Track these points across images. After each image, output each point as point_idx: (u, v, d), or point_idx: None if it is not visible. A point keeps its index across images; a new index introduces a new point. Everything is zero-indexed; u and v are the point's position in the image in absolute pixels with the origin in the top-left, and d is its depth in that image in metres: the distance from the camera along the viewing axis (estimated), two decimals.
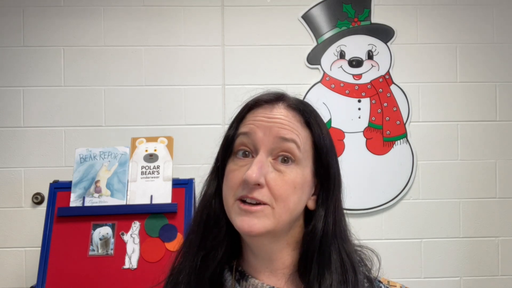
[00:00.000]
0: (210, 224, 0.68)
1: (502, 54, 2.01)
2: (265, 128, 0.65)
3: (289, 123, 0.66)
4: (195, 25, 1.97)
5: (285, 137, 0.64)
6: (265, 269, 0.69)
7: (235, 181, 0.64)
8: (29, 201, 1.87)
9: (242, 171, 0.64)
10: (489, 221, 1.96)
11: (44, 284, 1.45)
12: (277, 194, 0.63)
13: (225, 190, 0.66)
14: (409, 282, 1.87)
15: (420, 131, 1.97)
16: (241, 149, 0.66)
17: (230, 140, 0.67)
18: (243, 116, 0.69)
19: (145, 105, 1.93)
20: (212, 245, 0.67)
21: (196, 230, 0.69)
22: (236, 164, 0.66)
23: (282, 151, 0.64)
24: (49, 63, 1.92)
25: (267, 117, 0.66)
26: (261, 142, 0.64)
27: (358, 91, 1.97)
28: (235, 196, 0.64)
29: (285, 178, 0.63)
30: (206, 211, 0.69)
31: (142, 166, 1.62)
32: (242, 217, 0.63)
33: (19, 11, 1.93)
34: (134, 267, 1.49)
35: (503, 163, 1.98)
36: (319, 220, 0.66)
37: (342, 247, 0.67)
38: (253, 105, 0.69)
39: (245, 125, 0.67)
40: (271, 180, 0.63)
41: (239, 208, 0.63)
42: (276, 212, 0.63)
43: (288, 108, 0.68)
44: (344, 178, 0.72)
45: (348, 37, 1.99)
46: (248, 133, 0.65)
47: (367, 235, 1.90)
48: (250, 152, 0.65)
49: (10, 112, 1.90)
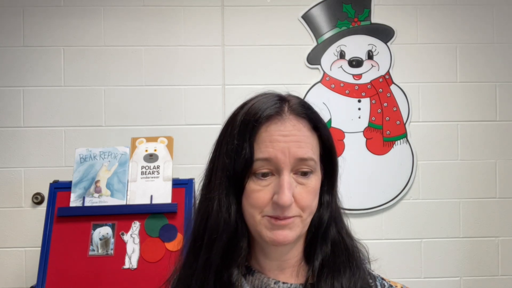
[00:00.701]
0: (235, 242, 0.68)
1: (502, 54, 2.01)
2: (283, 149, 0.65)
3: (303, 137, 0.67)
4: (195, 25, 1.97)
5: (304, 157, 0.66)
6: (276, 267, 0.71)
7: (262, 201, 0.66)
8: (29, 201, 1.87)
9: (267, 191, 0.66)
10: (489, 221, 1.96)
11: (44, 284, 1.45)
12: (304, 205, 0.67)
13: (248, 208, 0.67)
14: (409, 282, 1.86)
15: (420, 131, 1.97)
16: (261, 171, 0.66)
17: (249, 163, 0.66)
18: (255, 132, 0.66)
19: (145, 105, 1.93)
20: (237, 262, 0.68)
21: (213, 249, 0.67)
22: (259, 185, 0.66)
23: (302, 168, 0.67)
24: (49, 63, 1.92)
25: (282, 135, 0.66)
26: (283, 164, 0.65)
27: (358, 91, 1.97)
28: (262, 213, 0.66)
29: (308, 189, 0.67)
30: (228, 233, 0.67)
31: (142, 166, 1.62)
32: (275, 231, 0.66)
33: (19, 11, 1.93)
34: (134, 267, 1.49)
35: (503, 163, 1.98)
36: (325, 209, 0.71)
37: (342, 230, 0.73)
38: (262, 119, 0.67)
39: (262, 149, 0.66)
40: (297, 195, 0.66)
41: (271, 224, 0.66)
42: (303, 219, 0.67)
43: (297, 118, 0.69)
44: (344, 178, 0.75)
45: (348, 37, 1.99)
46: (269, 158, 0.66)
47: (367, 235, 1.90)
48: (270, 172, 0.67)
49: (10, 112, 1.90)
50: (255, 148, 0.66)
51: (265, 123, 0.67)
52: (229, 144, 0.67)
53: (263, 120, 0.66)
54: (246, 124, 0.67)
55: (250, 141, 0.66)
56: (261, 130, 0.67)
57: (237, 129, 0.67)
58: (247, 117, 0.67)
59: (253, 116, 0.67)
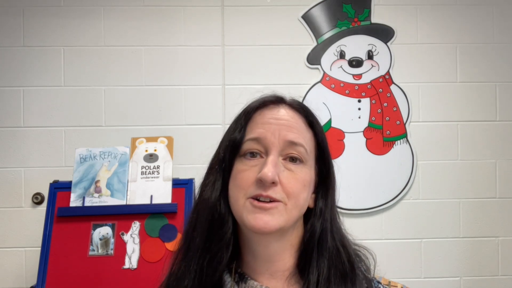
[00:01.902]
0: (216, 226, 0.67)
1: (502, 54, 2.00)
2: (274, 130, 0.66)
3: (295, 124, 0.68)
4: (195, 25, 1.97)
5: (294, 141, 0.66)
6: (265, 271, 0.69)
7: (246, 181, 0.65)
8: (29, 201, 1.87)
9: (253, 171, 0.65)
10: (489, 221, 1.96)
11: (44, 284, 1.45)
12: (290, 191, 0.65)
13: (234, 191, 0.67)
14: (409, 282, 1.86)
15: (420, 131, 1.97)
16: (249, 151, 0.67)
17: (237, 143, 0.68)
18: (249, 117, 0.69)
19: (145, 105, 1.93)
20: (219, 247, 0.66)
21: (199, 233, 0.68)
22: (246, 165, 0.66)
23: (292, 153, 0.67)
24: (49, 63, 1.92)
25: (274, 118, 0.67)
26: (272, 144, 0.66)
27: (358, 91, 1.97)
28: (246, 195, 0.65)
29: (297, 177, 0.66)
30: (210, 213, 0.68)
31: (142, 166, 1.62)
32: (255, 214, 0.64)
33: (19, 11, 1.93)
34: (134, 267, 1.49)
35: (503, 163, 1.98)
36: (318, 217, 0.69)
37: (339, 242, 0.70)
38: (258, 106, 0.70)
39: (254, 130, 0.68)
40: (284, 178, 0.65)
41: (252, 206, 0.64)
42: (288, 208, 0.65)
43: (292, 109, 0.70)
44: (344, 178, 0.74)
45: (348, 37, 1.99)
46: (258, 138, 0.66)
47: (367, 235, 1.90)
48: (259, 153, 0.67)
49: (10, 112, 1.90)
50: (247, 131, 0.68)
51: (260, 108, 0.70)
52: (227, 134, 0.71)
53: (259, 106, 0.70)
54: (244, 110, 0.71)
55: (244, 123, 0.69)
56: (255, 114, 0.70)
57: (236, 117, 0.72)
58: (246, 108, 0.72)
59: (251, 104, 0.71)
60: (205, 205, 0.69)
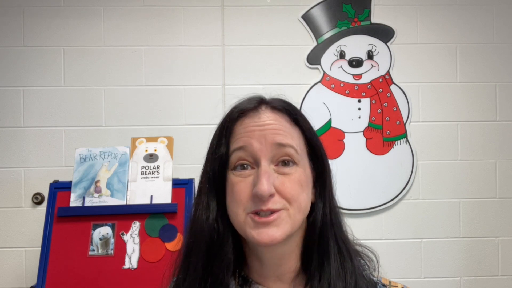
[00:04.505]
0: (216, 248, 0.65)
1: (502, 54, 2.01)
2: (259, 137, 0.64)
3: (280, 126, 0.65)
4: (195, 25, 1.97)
5: (282, 143, 0.64)
6: (272, 275, 0.68)
7: (243, 195, 0.63)
8: (29, 201, 1.87)
9: (248, 183, 0.63)
10: (489, 221, 1.96)
11: (44, 284, 1.45)
12: (288, 196, 0.63)
13: (232, 206, 0.64)
14: (409, 282, 1.86)
15: (420, 131, 1.97)
16: (239, 163, 0.64)
17: (225, 158, 0.65)
18: (230, 130, 0.66)
19: (145, 105, 1.93)
20: (220, 269, 0.64)
21: (199, 257, 0.65)
22: (239, 176, 0.64)
23: (282, 157, 0.64)
24: (49, 63, 1.92)
25: (257, 125, 0.65)
26: (260, 152, 0.63)
27: (358, 91, 1.97)
28: (245, 210, 0.63)
29: (291, 179, 0.64)
30: (208, 235, 0.65)
31: (142, 166, 1.62)
32: (259, 229, 0.62)
33: (19, 11, 1.93)
34: (134, 267, 1.49)
35: (503, 163, 1.98)
36: (318, 211, 0.68)
37: (339, 235, 0.69)
38: (237, 116, 0.67)
39: (237, 140, 0.65)
40: (279, 185, 0.63)
41: (254, 222, 0.62)
42: (291, 214, 0.63)
43: (274, 111, 0.67)
44: (344, 178, 0.73)
45: (348, 37, 1.99)
46: (243, 146, 0.64)
47: (367, 235, 1.90)
48: (249, 164, 0.64)
49: (10, 112, 1.90)
50: (231, 142, 0.66)
51: (240, 118, 0.67)
52: (210, 148, 0.69)
53: (238, 116, 0.67)
54: (224, 124, 0.68)
55: (227, 139, 0.66)
56: (236, 125, 0.67)
57: (217, 132, 0.69)
58: (226, 118, 0.69)
59: (230, 115, 0.68)
60: (201, 227, 0.66)
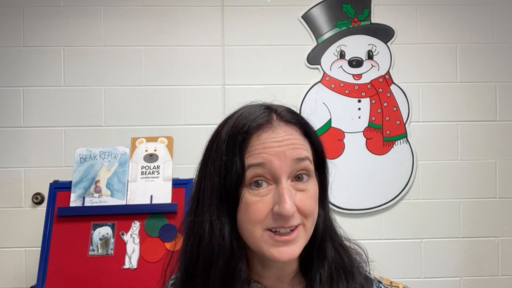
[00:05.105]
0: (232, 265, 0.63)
1: (502, 54, 2.01)
2: (279, 154, 0.62)
3: (297, 140, 0.65)
4: (195, 25, 1.97)
5: (300, 157, 0.63)
6: (272, 276, 0.69)
7: (262, 214, 0.62)
8: (29, 201, 1.87)
9: (267, 202, 0.62)
10: (489, 221, 1.96)
11: (44, 284, 1.45)
12: (307, 212, 0.63)
13: (247, 224, 0.63)
14: (409, 282, 1.87)
15: (420, 131, 1.97)
16: (254, 180, 0.62)
17: (241, 173, 0.62)
18: (244, 144, 0.63)
19: (145, 105, 1.93)
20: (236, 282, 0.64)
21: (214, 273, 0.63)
22: (256, 195, 0.62)
23: (299, 171, 0.64)
24: (49, 63, 1.92)
25: (276, 141, 0.63)
26: (280, 169, 0.62)
27: (358, 91, 1.97)
28: (263, 227, 0.62)
29: (309, 195, 0.64)
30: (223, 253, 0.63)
31: (142, 166, 1.62)
32: (279, 248, 0.62)
33: (19, 11, 1.93)
34: (134, 267, 1.49)
35: (503, 163, 1.98)
36: (320, 217, 0.68)
37: (335, 238, 0.71)
38: (252, 130, 0.63)
39: (254, 155, 0.62)
40: (299, 202, 0.63)
41: (274, 240, 0.62)
42: (307, 228, 0.65)
43: (288, 124, 0.66)
44: (344, 178, 0.74)
45: (348, 37, 1.99)
46: (262, 164, 0.62)
47: (367, 235, 1.90)
48: (265, 181, 0.63)
49: (10, 112, 1.90)
50: (246, 158, 0.62)
51: (255, 133, 0.63)
52: (217, 161, 0.64)
53: (253, 130, 0.63)
54: (235, 137, 0.63)
55: (241, 153, 0.62)
56: (252, 140, 0.63)
57: (224, 144, 0.64)
58: (234, 129, 0.64)
59: (241, 128, 0.63)
60: (218, 245, 0.63)
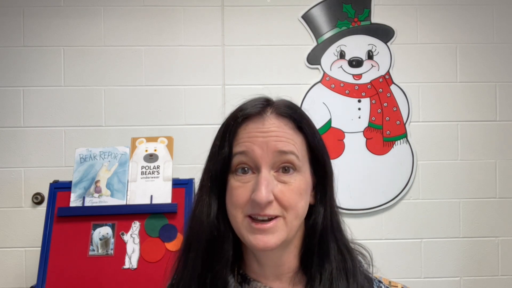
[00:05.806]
0: (217, 245, 0.66)
1: (502, 54, 2.01)
2: (262, 144, 0.64)
3: (284, 133, 0.66)
4: (195, 25, 1.97)
5: (283, 150, 0.64)
6: (270, 274, 0.69)
7: (242, 199, 0.64)
8: (29, 201, 1.87)
9: (247, 188, 0.64)
10: (489, 221, 1.96)
11: (44, 284, 1.45)
12: (286, 204, 0.64)
13: (231, 208, 0.66)
14: (409, 282, 1.86)
15: (420, 131, 1.97)
16: (240, 167, 0.65)
17: (227, 159, 0.66)
18: (234, 132, 0.67)
19: (145, 105, 1.93)
20: (221, 266, 0.66)
21: (199, 254, 0.67)
22: (239, 181, 0.65)
23: (283, 163, 0.65)
24: (49, 63, 1.92)
25: (261, 132, 0.65)
26: (261, 159, 0.64)
27: (358, 91, 1.97)
28: (243, 213, 0.64)
29: (291, 188, 0.65)
30: (209, 231, 0.66)
31: (142, 166, 1.62)
32: (255, 235, 0.63)
33: (19, 11, 1.93)
34: (134, 267, 1.49)
35: (503, 163, 1.98)
36: (318, 214, 0.68)
37: (339, 238, 0.70)
38: (242, 119, 0.67)
39: (240, 144, 0.66)
40: (278, 192, 0.64)
41: (251, 227, 0.64)
42: (288, 221, 0.65)
43: (278, 117, 0.67)
44: (344, 178, 0.73)
45: (348, 37, 1.99)
46: (245, 151, 0.65)
47: (367, 235, 1.90)
48: (250, 168, 0.65)
49: (10, 112, 1.90)
50: (234, 146, 0.66)
51: (244, 122, 0.67)
52: (213, 148, 0.69)
53: (242, 119, 0.67)
54: (228, 126, 0.68)
55: (230, 141, 0.66)
56: (240, 129, 0.67)
57: (220, 132, 0.69)
58: (229, 119, 0.69)
59: (233, 117, 0.68)
60: (202, 224, 0.67)
